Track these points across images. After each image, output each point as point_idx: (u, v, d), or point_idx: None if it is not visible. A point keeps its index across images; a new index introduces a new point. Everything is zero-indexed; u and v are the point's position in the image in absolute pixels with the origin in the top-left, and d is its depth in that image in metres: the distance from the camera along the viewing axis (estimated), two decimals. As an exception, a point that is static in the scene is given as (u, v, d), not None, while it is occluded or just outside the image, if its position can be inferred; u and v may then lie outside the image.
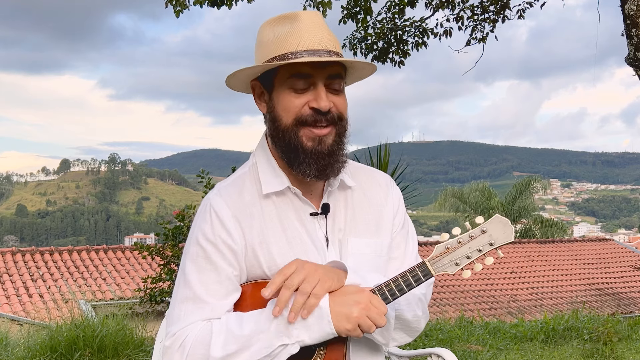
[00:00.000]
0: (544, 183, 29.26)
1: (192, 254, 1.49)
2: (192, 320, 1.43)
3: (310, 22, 1.47)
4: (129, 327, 4.83)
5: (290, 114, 1.46)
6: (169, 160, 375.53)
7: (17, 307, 11.70)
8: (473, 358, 5.41)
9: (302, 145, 1.46)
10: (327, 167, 1.47)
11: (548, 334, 6.52)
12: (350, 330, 1.37)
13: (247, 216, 1.50)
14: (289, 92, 1.46)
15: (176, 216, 7.50)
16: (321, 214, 1.54)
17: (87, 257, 14.60)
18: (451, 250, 1.45)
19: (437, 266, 1.45)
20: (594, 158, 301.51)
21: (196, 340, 1.40)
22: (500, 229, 1.47)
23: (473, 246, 1.46)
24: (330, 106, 1.46)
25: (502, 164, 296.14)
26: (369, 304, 1.38)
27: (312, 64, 1.43)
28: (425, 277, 1.43)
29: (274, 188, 1.51)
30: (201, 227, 1.50)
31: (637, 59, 5.09)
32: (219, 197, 1.51)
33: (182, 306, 1.45)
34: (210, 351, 1.38)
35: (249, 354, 1.38)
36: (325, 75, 1.46)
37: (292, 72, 1.45)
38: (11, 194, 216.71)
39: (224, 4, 7.46)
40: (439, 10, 8.59)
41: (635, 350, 5.96)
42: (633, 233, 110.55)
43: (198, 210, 1.56)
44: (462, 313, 8.86)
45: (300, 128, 1.46)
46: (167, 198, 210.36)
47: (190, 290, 1.45)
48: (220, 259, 1.46)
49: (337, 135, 1.49)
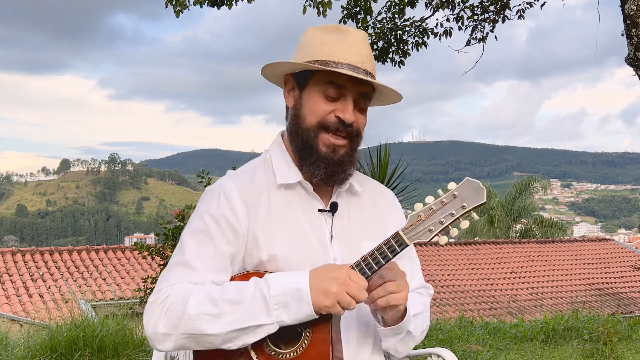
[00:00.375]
0: (544, 183, 29.32)
1: (194, 227, 1.54)
2: (177, 281, 1.47)
3: (357, 40, 1.56)
4: (129, 327, 4.83)
5: (315, 116, 1.54)
6: (169, 160, 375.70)
7: (17, 307, 11.71)
8: (473, 358, 5.41)
9: (317, 148, 1.54)
10: (335, 174, 1.55)
11: (548, 334, 6.53)
12: (329, 306, 1.38)
13: (255, 202, 1.55)
14: (320, 96, 1.54)
15: (176, 216, 7.49)
16: (329, 212, 1.59)
17: (87, 257, 14.61)
18: (424, 218, 1.45)
19: (411, 235, 1.45)
20: (594, 158, 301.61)
21: (177, 297, 1.42)
22: (472, 191, 1.46)
23: (445, 211, 1.45)
24: (353, 120, 1.54)
25: (502, 164, 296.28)
26: (347, 280, 1.39)
27: (349, 77, 1.51)
28: (400, 247, 1.44)
29: (288, 180, 1.58)
30: (207, 205, 1.55)
31: (637, 59, 5.09)
32: (230, 182, 1.57)
33: (173, 269, 1.50)
34: (186, 307, 1.40)
35: (224, 321, 1.39)
36: (357, 92, 1.54)
37: (329, 79, 1.53)
38: (11, 194, 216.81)
39: (224, 4, 7.46)
40: (439, 10, 8.59)
41: (635, 350, 5.96)
42: (633, 233, 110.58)
43: (207, 189, 1.61)
44: (462, 313, 8.86)
45: (321, 132, 1.54)
46: (167, 198, 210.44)
47: (184, 257, 1.50)
48: (219, 236, 1.50)
49: (350, 149, 1.56)
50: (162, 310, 1.43)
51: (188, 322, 1.40)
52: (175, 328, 1.41)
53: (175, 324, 1.40)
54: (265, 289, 1.39)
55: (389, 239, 1.45)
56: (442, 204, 1.46)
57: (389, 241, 1.45)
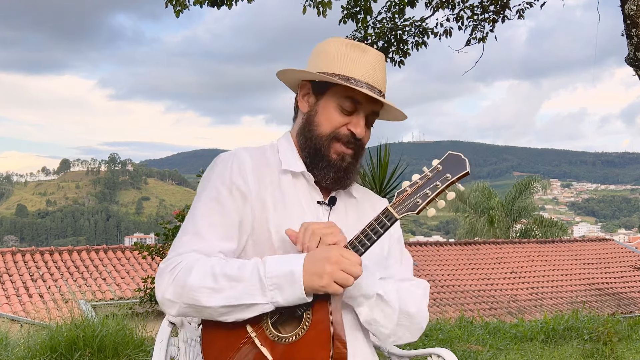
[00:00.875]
0: (544, 183, 29.29)
1: (206, 194, 1.62)
2: (187, 249, 1.54)
3: (377, 60, 1.67)
4: (129, 327, 4.83)
5: (329, 126, 1.64)
6: (169, 160, 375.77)
7: (17, 307, 11.71)
8: (473, 358, 5.41)
9: (328, 156, 1.64)
10: (342, 179, 1.66)
11: (548, 334, 6.53)
12: (325, 286, 1.41)
13: (266, 175, 1.65)
14: (336, 108, 1.65)
15: (176, 216, 7.49)
16: (327, 205, 1.68)
17: (87, 257, 14.61)
18: (410, 192, 1.52)
19: (399, 209, 1.51)
20: (594, 158, 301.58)
21: (184, 267, 1.49)
22: (454, 164, 1.53)
23: (430, 184, 1.52)
24: (364, 135, 1.66)
25: (502, 164, 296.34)
26: (340, 257, 1.42)
27: (366, 96, 1.63)
28: (390, 221, 1.50)
29: (292, 167, 1.67)
30: (221, 172, 1.63)
31: (637, 59, 5.09)
32: (244, 151, 1.67)
33: (183, 238, 1.58)
34: (188, 278, 1.47)
35: (221, 296, 1.45)
36: (370, 110, 1.67)
37: (348, 94, 1.63)
38: (11, 194, 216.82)
39: (224, 4, 7.46)
40: (439, 10, 8.59)
41: (635, 350, 5.96)
42: (633, 233, 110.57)
43: (219, 156, 1.68)
44: (462, 313, 8.86)
45: (333, 142, 1.65)
46: (167, 198, 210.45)
47: (194, 226, 1.58)
48: (230, 203, 1.59)
49: (354, 158, 1.68)
50: (170, 277, 1.50)
51: (190, 293, 1.46)
52: (180, 297, 1.48)
53: (179, 293, 1.48)
54: (262, 269, 1.45)
55: (379, 215, 1.51)
56: (426, 177, 1.53)
57: (378, 217, 1.51)
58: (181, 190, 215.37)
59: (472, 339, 6.22)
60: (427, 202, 1.51)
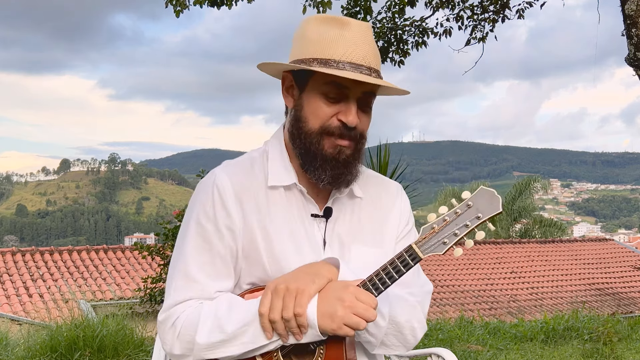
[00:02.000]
0: (544, 183, 29.26)
1: (191, 230, 1.49)
2: (182, 297, 1.45)
3: (359, 34, 1.46)
4: (129, 327, 4.83)
5: (317, 120, 1.46)
6: (169, 160, 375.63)
7: (17, 307, 11.70)
8: (473, 358, 5.41)
9: (322, 152, 1.46)
10: (341, 176, 1.48)
11: (548, 334, 6.53)
12: (335, 329, 1.33)
13: (250, 199, 1.49)
14: (320, 97, 1.46)
15: (176, 216, 7.50)
16: (322, 217, 1.53)
17: (87, 257, 14.61)
18: (437, 230, 1.39)
19: (424, 248, 1.39)
20: (594, 158, 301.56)
21: (187, 322, 1.41)
22: (487, 201, 1.39)
23: (460, 222, 1.39)
24: (357, 123, 1.46)
25: (502, 164, 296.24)
26: (354, 301, 1.33)
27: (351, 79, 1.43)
28: (414, 261, 1.37)
29: (281, 182, 1.51)
30: (203, 204, 1.49)
31: (637, 59, 5.09)
32: (224, 174, 1.50)
33: (175, 281, 1.47)
34: (196, 337, 1.39)
35: (234, 346, 1.38)
36: (361, 92, 1.46)
37: (329, 79, 1.44)
38: (11, 194, 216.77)
39: (224, 4, 7.46)
40: (439, 9, 8.59)
41: (635, 350, 5.96)
42: (633, 233, 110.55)
43: (202, 181, 1.55)
44: (462, 313, 8.86)
45: (324, 137, 1.46)
46: (167, 198, 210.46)
47: (184, 265, 1.47)
48: (217, 240, 1.47)
49: (355, 150, 1.49)
50: (174, 334, 1.43)
51: (200, 352, 1.40)
52: (190, 352, 1.42)
53: (189, 348, 1.41)
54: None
55: (402, 252, 1.38)
56: (456, 214, 1.39)
57: (402, 255, 1.38)
58: (181, 190, 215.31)
59: (472, 339, 6.22)
60: (455, 243, 1.39)
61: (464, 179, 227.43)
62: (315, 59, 1.44)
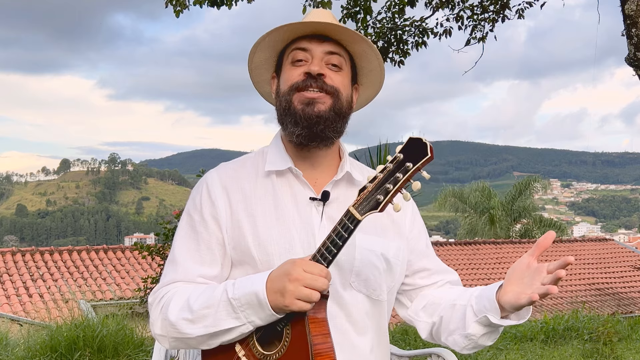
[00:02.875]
0: (544, 183, 29.25)
1: (182, 222, 1.61)
2: (168, 280, 1.54)
3: (317, 12, 1.60)
4: (129, 327, 4.84)
5: (288, 83, 1.56)
6: (169, 160, 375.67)
7: (17, 307, 11.70)
8: (473, 358, 5.41)
9: (293, 107, 1.53)
10: (314, 129, 1.52)
11: (548, 334, 6.53)
12: (288, 305, 1.33)
13: (237, 189, 1.58)
14: (290, 66, 1.57)
15: (176, 216, 7.48)
16: (319, 200, 1.56)
17: (87, 257, 14.61)
18: (371, 188, 1.35)
19: (361, 209, 1.34)
20: (594, 158, 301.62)
21: (167, 301, 1.49)
22: (415, 150, 1.33)
23: (390, 176, 1.33)
24: (323, 72, 1.54)
25: (502, 164, 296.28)
26: (300, 273, 1.32)
27: (310, 40, 1.56)
28: (353, 224, 1.34)
29: (276, 167, 1.58)
30: (193, 197, 1.62)
31: (637, 59, 5.09)
32: (215, 172, 1.63)
33: (165, 269, 1.58)
34: (167, 313, 1.46)
35: (199, 325, 1.42)
36: (323, 50, 1.56)
37: (294, 46, 1.57)
38: (11, 194, 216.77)
39: (224, 3, 7.45)
40: (438, 10, 8.59)
41: (635, 350, 5.96)
42: (633, 233, 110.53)
43: (196, 184, 1.67)
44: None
45: (294, 93, 1.54)
46: (167, 198, 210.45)
47: (172, 254, 1.58)
48: (202, 229, 1.55)
49: (332, 106, 1.54)
50: (157, 312, 1.50)
51: (171, 328, 1.46)
52: (167, 331, 1.47)
53: (166, 327, 1.47)
54: (230, 292, 1.40)
55: (342, 218, 1.36)
56: (386, 169, 1.34)
57: (342, 220, 1.36)
58: (181, 190, 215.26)
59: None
60: (390, 198, 1.33)
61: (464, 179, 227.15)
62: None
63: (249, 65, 1.67)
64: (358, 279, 1.54)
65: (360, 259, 1.54)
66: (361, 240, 1.55)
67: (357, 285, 1.54)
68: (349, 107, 1.60)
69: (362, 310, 1.55)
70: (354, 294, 1.54)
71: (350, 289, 1.54)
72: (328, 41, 1.57)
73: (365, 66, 1.65)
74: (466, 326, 1.52)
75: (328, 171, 1.63)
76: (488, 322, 1.47)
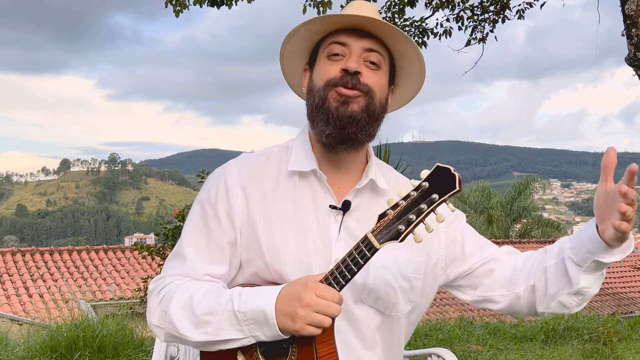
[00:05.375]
0: (543, 183, 29.24)
1: (194, 214, 1.53)
2: (174, 272, 1.48)
3: (359, 4, 1.53)
4: (129, 327, 4.83)
5: (323, 78, 1.47)
6: (169, 160, 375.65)
7: (17, 307, 11.70)
8: (473, 358, 5.41)
9: (327, 104, 1.45)
10: (346, 130, 1.44)
11: (548, 334, 6.53)
12: (298, 330, 1.28)
13: (256, 188, 1.50)
14: (325, 60, 1.49)
15: (176, 216, 7.48)
16: (340, 209, 1.48)
17: (87, 257, 14.61)
18: (392, 216, 1.28)
19: (380, 237, 1.28)
20: (594, 158, 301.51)
21: (168, 293, 1.43)
22: (443, 180, 1.26)
23: (414, 206, 1.27)
24: (360, 70, 1.45)
25: (502, 164, 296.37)
26: (313, 299, 1.27)
27: (350, 35, 1.47)
28: (370, 252, 1.29)
29: (300, 167, 1.50)
30: (209, 189, 1.53)
31: (637, 59, 5.09)
32: (235, 165, 1.54)
33: (171, 260, 1.51)
34: (169, 308, 1.40)
35: (200, 331, 1.37)
36: (362, 47, 1.48)
37: (332, 40, 1.49)
38: (11, 194, 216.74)
39: (224, 3, 7.45)
40: (438, 10, 8.58)
41: (635, 350, 5.96)
42: (633, 233, 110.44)
43: (213, 173, 1.57)
44: (462, 313, 8.86)
45: (329, 89, 1.45)
46: (167, 198, 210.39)
47: (180, 247, 1.50)
48: (215, 225, 1.48)
49: (365, 106, 1.45)
50: (157, 300, 1.44)
51: (170, 324, 1.40)
52: (164, 324, 1.42)
53: (164, 319, 1.42)
54: (236, 303, 1.34)
55: (359, 244, 1.30)
56: (410, 198, 1.27)
57: (358, 246, 1.30)
58: (181, 190, 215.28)
59: (472, 339, 6.22)
60: (411, 229, 1.27)
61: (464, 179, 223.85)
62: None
63: (281, 54, 1.58)
64: (370, 295, 1.47)
65: (373, 277, 1.46)
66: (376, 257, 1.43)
67: (369, 301, 1.48)
68: (383, 109, 1.51)
69: (372, 326, 1.49)
70: (366, 309, 1.48)
71: (362, 304, 1.47)
72: (368, 37, 1.48)
73: (405, 67, 1.57)
74: (573, 282, 1.43)
75: (353, 175, 1.54)
76: (597, 267, 1.40)
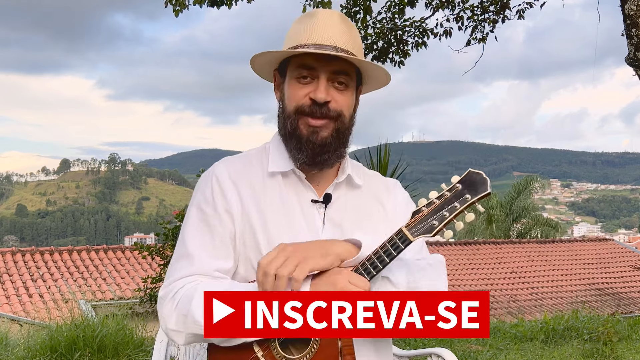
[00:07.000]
0: (543, 183, 29.26)
1: (192, 216, 1.57)
2: (183, 274, 1.50)
3: (324, 19, 1.55)
4: (129, 327, 4.83)
5: (292, 102, 1.54)
6: (169, 160, 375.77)
7: (17, 307, 11.70)
8: (473, 358, 5.41)
9: (298, 133, 1.53)
10: (318, 156, 1.53)
11: (548, 334, 6.53)
12: None
13: (246, 185, 1.57)
14: (295, 82, 1.55)
15: (176, 216, 7.49)
16: (322, 203, 1.58)
17: (87, 257, 14.60)
18: (426, 212, 1.41)
19: (414, 230, 1.40)
20: (594, 158, 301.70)
21: (185, 295, 1.45)
22: (475, 183, 1.42)
23: (448, 204, 1.41)
24: (328, 99, 1.52)
25: (502, 164, 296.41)
26: (346, 284, 1.37)
27: (317, 57, 1.51)
28: (404, 244, 1.40)
29: (279, 168, 1.58)
30: (203, 191, 1.58)
31: (637, 59, 5.08)
32: (222, 165, 1.62)
33: (177, 263, 1.54)
34: (191, 308, 1.42)
35: None
36: (329, 70, 1.53)
37: (300, 62, 1.53)
38: (11, 194, 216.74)
39: (224, 3, 7.44)
40: (439, 10, 8.58)
41: (635, 350, 5.96)
42: (633, 233, 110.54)
43: (202, 175, 1.64)
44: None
45: (299, 117, 1.53)
46: (167, 198, 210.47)
47: (185, 248, 1.54)
48: (217, 222, 1.54)
49: (334, 131, 1.54)
50: (172, 305, 1.46)
51: (193, 325, 1.42)
52: (184, 326, 1.44)
53: (183, 322, 1.44)
54: None
55: (393, 236, 1.41)
56: (444, 197, 1.42)
57: (392, 238, 1.41)
58: (181, 190, 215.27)
59: (472, 339, 6.22)
60: (444, 225, 1.40)
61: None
62: (288, 48, 1.55)
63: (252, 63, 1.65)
64: None
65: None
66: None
67: None
68: (351, 124, 1.60)
69: None
70: None
71: None
72: (335, 60, 1.53)
73: (370, 74, 1.64)
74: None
75: (329, 172, 1.63)
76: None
